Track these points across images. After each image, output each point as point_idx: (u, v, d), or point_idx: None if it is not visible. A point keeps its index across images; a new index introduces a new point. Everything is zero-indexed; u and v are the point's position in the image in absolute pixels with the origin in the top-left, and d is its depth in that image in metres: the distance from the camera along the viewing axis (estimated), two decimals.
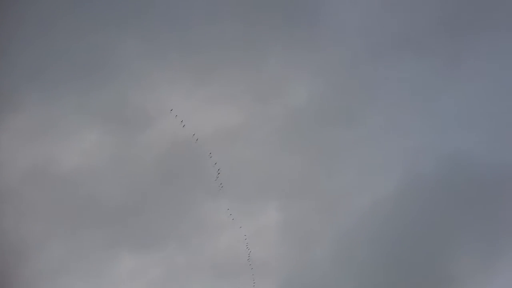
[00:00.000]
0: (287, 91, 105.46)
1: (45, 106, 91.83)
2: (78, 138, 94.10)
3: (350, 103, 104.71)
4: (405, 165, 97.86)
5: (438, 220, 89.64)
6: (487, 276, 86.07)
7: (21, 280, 68.40)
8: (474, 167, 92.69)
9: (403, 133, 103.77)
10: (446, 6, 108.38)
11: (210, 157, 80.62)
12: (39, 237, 76.52)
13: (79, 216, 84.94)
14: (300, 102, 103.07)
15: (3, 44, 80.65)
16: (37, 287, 69.64)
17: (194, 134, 77.66)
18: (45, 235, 77.91)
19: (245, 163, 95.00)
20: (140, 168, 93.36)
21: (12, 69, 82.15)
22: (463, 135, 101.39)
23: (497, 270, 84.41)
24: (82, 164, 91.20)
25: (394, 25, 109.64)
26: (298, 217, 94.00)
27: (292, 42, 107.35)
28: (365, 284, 79.38)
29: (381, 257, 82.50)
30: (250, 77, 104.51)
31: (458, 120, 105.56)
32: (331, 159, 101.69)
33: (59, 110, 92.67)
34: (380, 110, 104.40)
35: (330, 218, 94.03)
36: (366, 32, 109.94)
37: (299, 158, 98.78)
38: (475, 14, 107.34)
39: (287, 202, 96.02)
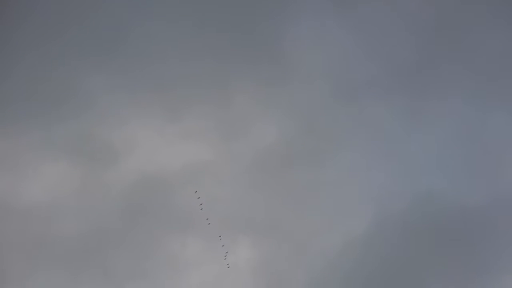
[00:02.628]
0: (255, 129, 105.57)
1: (8, 140, 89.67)
2: (42, 172, 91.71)
3: (319, 143, 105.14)
4: (375, 206, 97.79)
5: (409, 260, 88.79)
6: None
7: None
8: (444, 209, 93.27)
9: (373, 174, 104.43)
10: (412, 48, 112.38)
11: (196, 194, 79.19)
12: None
13: (38, 253, 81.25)
14: (269, 141, 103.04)
15: None
16: None
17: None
18: None
19: (213, 200, 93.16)
20: (105, 204, 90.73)
21: None
22: (433, 177, 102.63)
23: None
24: (44, 199, 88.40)
25: (363, 67, 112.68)
26: (268, 256, 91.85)
27: (262, 81, 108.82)
28: None
29: None
30: (219, 114, 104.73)
31: (427, 161, 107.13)
32: (301, 200, 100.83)
33: (22, 144, 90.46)
34: (350, 151, 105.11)
35: (300, 258, 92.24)
36: (335, 73, 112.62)
37: (267, 197, 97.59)
38: (439, 54, 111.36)
39: (257, 241, 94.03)
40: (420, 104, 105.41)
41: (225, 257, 66.74)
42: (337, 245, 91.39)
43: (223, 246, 68.20)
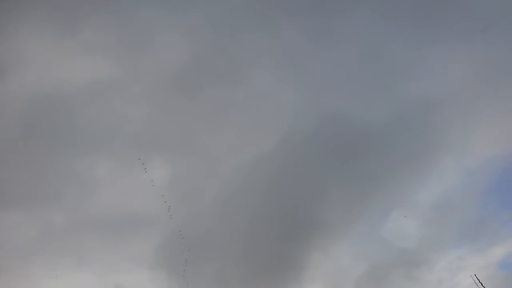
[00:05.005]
0: (164, 47, 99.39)
1: None
2: None
3: (233, 63, 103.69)
4: (285, 124, 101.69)
5: (315, 173, 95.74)
6: (353, 218, 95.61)
7: None
8: (347, 125, 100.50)
9: (283, 93, 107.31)
10: None
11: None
12: None
13: None
14: (179, 59, 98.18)
15: None
16: None
17: None
18: None
19: (121, 119, 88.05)
20: None
21: None
22: (339, 96, 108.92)
23: (360, 212, 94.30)
24: None
25: None
26: (183, 173, 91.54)
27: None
28: (248, 232, 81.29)
29: (264, 207, 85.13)
30: (123, 26, 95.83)
31: (334, 81, 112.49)
32: (213, 118, 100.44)
33: None
34: (260, 70, 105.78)
35: (215, 174, 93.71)
36: None
37: (179, 116, 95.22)
38: None
39: (171, 159, 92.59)
40: (328, 25, 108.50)
41: (145, 170, 64.32)
42: (249, 161, 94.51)
43: (139, 159, 65.25)
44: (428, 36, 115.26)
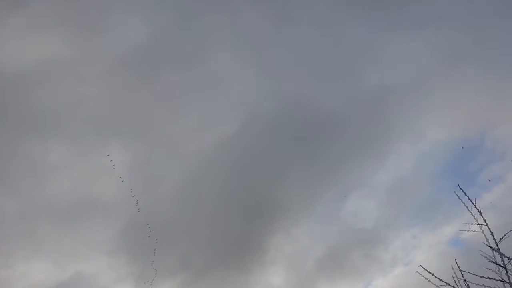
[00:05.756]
0: (122, 27, 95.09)
1: None
2: None
3: (193, 45, 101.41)
4: (246, 107, 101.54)
5: (276, 155, 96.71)
6: (313, 200, 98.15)
7: None
8: (308, 109, 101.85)
9: (244, 77, 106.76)
10: None
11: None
12: None
13: None
14: (137, 40, 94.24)
15: None
16: None
17: None
18: None
19: (76, 101, 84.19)
20: None
21: None
22: (300, 81, 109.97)
23: (320, 195, 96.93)
24: None
25: None
26: (143, 158, 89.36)
27: None
28: (211, 217, 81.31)
29: (226, 191, 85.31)
30: (77, 1, 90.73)
31: (294, 65, 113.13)
32: (173, 102, 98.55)
33: None
34: (221, 54, 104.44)
35: (176, 159, 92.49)
36: None
37: (139, 99, 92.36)
38: None
39: (130, 144, 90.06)
40: (289, 8, 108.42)
41: (110, 159, 61.62)
42: (211, 145, 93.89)
43: (108, 156, 62.30)
44: (385, 24, 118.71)
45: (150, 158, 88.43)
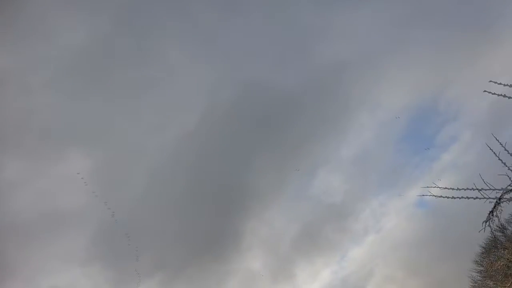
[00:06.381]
0: (62, 26, 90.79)
1: None
2: None
3: (140, 43, 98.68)
4: (206, 97, 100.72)
5: (240, 141, 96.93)
6: (282, 182, 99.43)
7: None
8: (266, 92, 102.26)
9: (199, 67, 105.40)
10: None
11: None
12: None
13: None
14: (85, 38, 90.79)
15: None
16: None
17: None
18: None
19: (27, 112, 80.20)
20: None
21: None
22: (255, 65, 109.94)
23: (288, 175, 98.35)
24: None
25: None
26: (104, 162, 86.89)
27: None
28: (183, 211, 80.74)
29: (195, 183, 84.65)
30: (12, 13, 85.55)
31: (248, 51, 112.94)
32: (129, 100, 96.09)
33: None
34: (174, 48, 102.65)
35: (138, 159, 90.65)
36: None
37: (92, 102, 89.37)
38: None
39: (89, 149, 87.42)
40: None
41: (81, 177, 59.10)
42: (173, 140, 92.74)
43: (78, 174, 59.82)
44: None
45: (113, 162, 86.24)
